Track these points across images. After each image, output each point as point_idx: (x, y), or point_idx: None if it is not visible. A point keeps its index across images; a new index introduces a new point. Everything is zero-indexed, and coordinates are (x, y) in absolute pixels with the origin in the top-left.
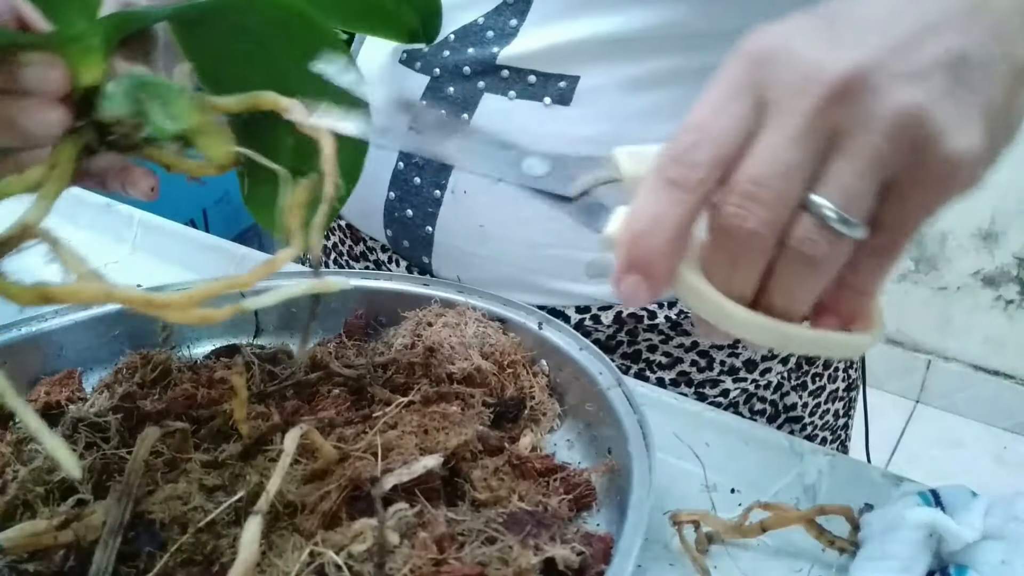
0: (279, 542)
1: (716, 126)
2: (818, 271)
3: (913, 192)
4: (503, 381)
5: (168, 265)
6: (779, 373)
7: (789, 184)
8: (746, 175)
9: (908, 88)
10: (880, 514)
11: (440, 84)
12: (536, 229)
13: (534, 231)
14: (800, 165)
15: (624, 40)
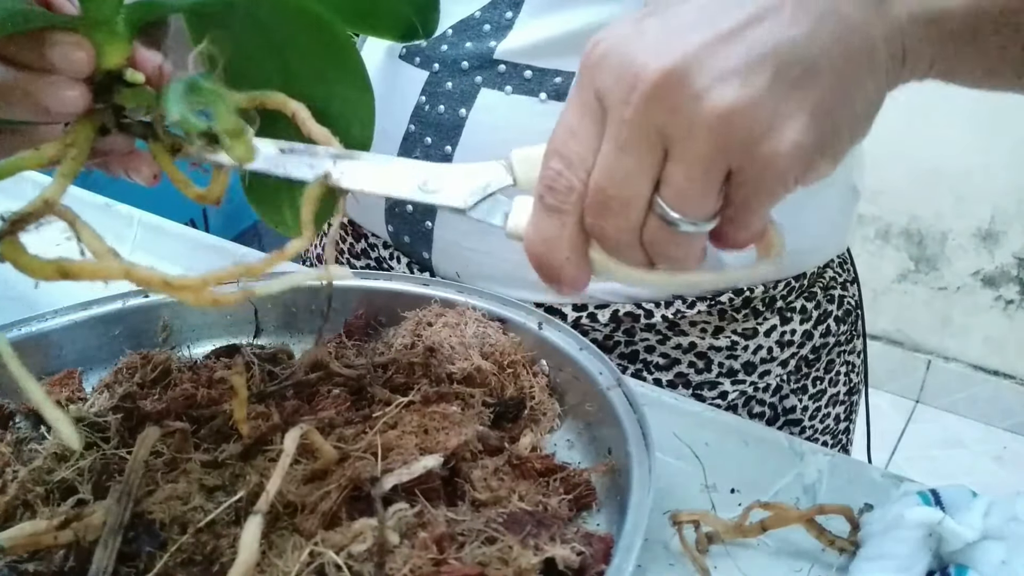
0: (279, 542)
1: (573, 150)
2: (683, 249)
3: (750, 184)
4: (503, 381)
5: (168, 265)
6: (778, 376)
7: (630, 190)
8: (593, 187)
9: (727, 88)
10: (880, 514)
11: (439, 79)
12: None
13: None
14: (636, 171)
15: None
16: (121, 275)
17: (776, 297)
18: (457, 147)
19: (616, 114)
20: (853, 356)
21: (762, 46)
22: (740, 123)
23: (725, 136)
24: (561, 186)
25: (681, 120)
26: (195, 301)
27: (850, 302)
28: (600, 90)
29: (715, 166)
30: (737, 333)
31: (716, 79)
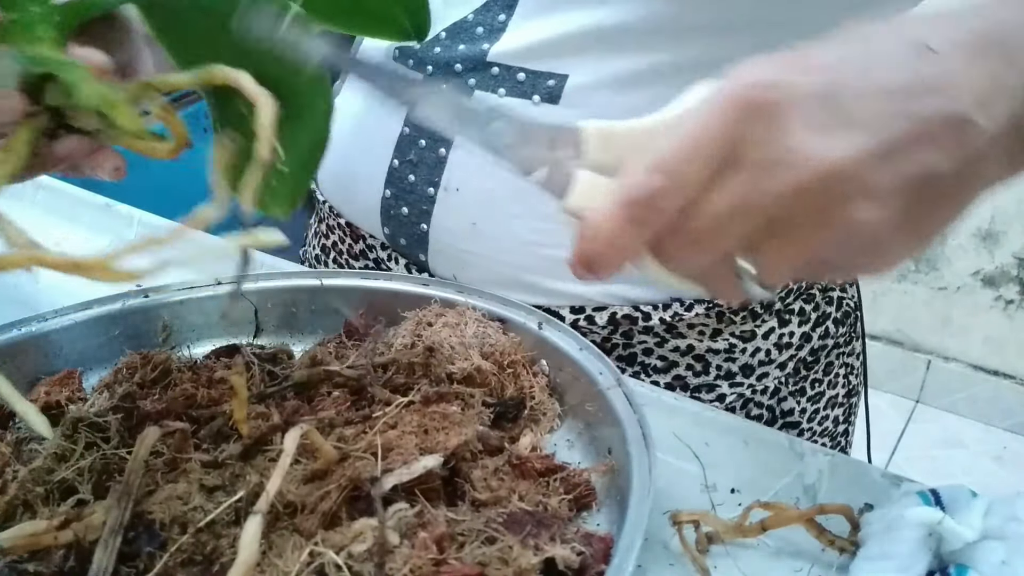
0: (279, 542)
1: (686, 176)
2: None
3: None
4: (503, 381)
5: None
6: (776, 378)
7: (728, 246)
8: (694, 227)
9: (871, 206)
10: (880, 514)
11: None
12: (528, 227)
13: (526, 230)
14: (743, 234)
15: (610, 34)
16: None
17: (775, 299)
18: (451, 150)
19: (759, 179)
20: (852, 358)
21: (912, 173)
22: (865, 238)
23: (847, 244)
24: (659, 205)
25: (819, 216)
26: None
27: (849, 304)
28: (746, 141)
29: (820, 259)
30: (735, 335)
31: (863, 194)
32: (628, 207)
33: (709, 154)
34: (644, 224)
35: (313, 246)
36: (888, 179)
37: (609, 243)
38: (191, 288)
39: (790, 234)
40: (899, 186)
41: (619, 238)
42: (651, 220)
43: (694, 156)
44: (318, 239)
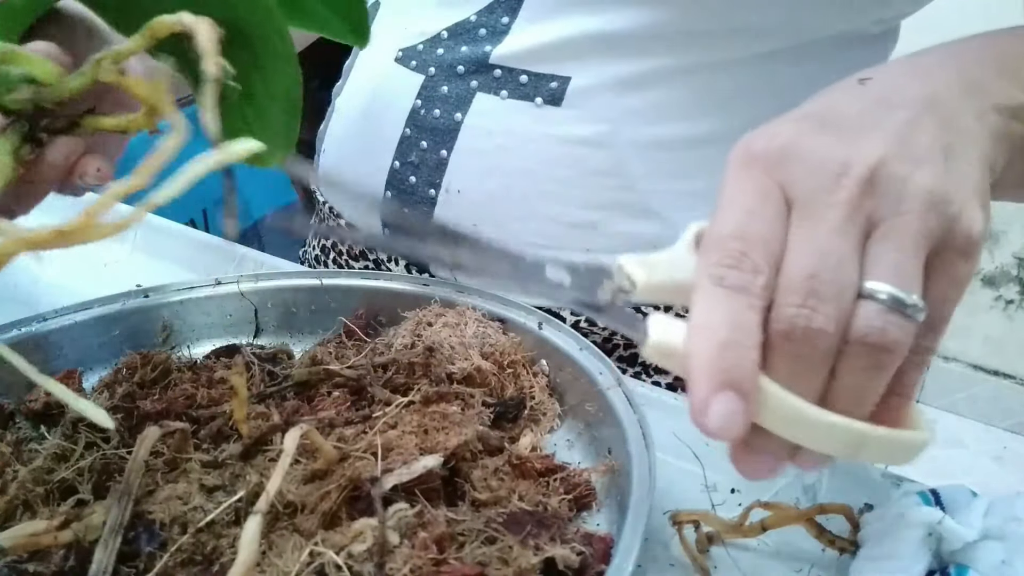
0: (279, 542)
1: (758, 229)
2: (884, 362)
3: (948, 269)
4: (503, 381)
5: (168, 265)
6: None
7: (845, 274)
8: (801, 273)
9: (925, 172)
10: (880, 514)
11: (434, 83)
12: (529, 229)
13: (527, 231)
14: (850, 255)
15: (613, 39)
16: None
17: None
18: (452, 151)
19: (823, 200)
20: None
21: (933, 140)
22: (943, 200)
23: (931, 210)
24: (749, 264)
25: (892, 200)
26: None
27: None
28: (789, 181)
29: (925, 243)
30: None
31: (914, 164)
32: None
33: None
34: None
35: (313, 246)
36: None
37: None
38: (191, 288)
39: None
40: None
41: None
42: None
43: (753, 212)
44: (318, 239)
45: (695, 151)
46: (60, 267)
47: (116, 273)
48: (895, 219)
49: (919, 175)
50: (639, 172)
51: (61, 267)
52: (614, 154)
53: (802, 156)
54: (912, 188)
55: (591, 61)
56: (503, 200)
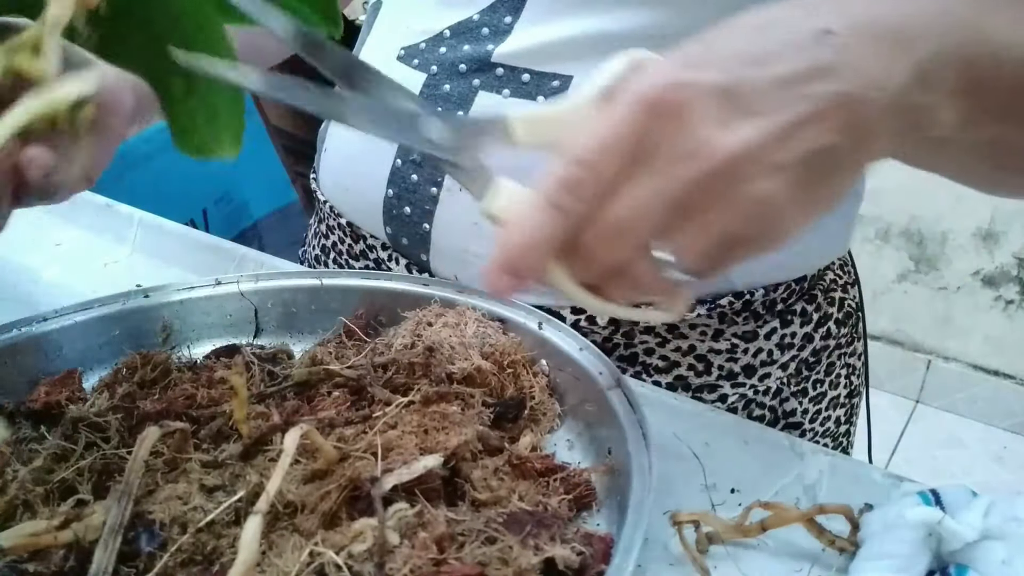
0: (279, 542)
1: (603, 165)
2: (647, 293)
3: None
4: (503, 381)
5: (168, 265)
6: (778, 379)
7: (647, 234)
8: (613, 216)
9: (772, 181)
10: (880, 514)
11: (436, 81)
12: None
13: None
14: (662, 223)
15: (615, 39)
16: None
17: (776, 300)
18: None
19: (670, 169)
20: (854, 359)
21: (806, 149)
22: (771, 210)
23: (755, 219)
24: (578, 195)
25: (727, 197)
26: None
27: (851, 304)
28: (655, 136)
29: (735, 238)
30: (737, 336)
31: (765, 171)
32: (551, 195)
33: (621, 149)
34: (568, 212)
35: (313, 246)
36: (785, 157)
37: (533, 231)
38: (191, 288)
39: (701, 217)
40: (795, 162)
41: (544, 225)
42: (572, 210)
43: (607, 150)
44: (318, 239)
45: None
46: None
47: (116, 273)
48: (719, 213)
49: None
50: None
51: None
52: None
53: (678, 122)
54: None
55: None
56: None
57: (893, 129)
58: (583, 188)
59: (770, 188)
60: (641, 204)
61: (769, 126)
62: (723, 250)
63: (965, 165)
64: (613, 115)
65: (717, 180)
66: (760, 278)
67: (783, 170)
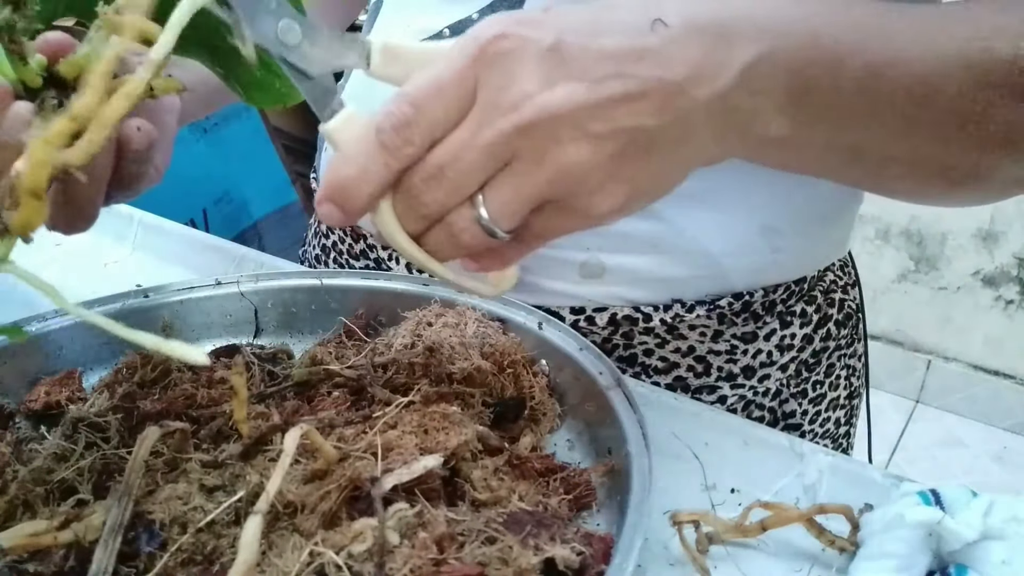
0: (279, 542)
1: (433, 109)
2: (464, 247)
3: (557, 219)
4: (503, 381)
5: (168, 265)
6: (778, 380)
7: (465, 180)
8: (435, 159)
9: (582, 148)
10: (880, 514)
11: None
12: None
13: None
14: (479, 169)
15: None
16: None
17: (776, 301)
18: None
19: (489, 117)
20: (854, 360)
21: (621, 125)
22: (578, 176)
23: (561, 181)
24: (406, 135)
25: (536, 154)
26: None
27: (851, 305)
28: (482, 83)
29: (541, 196)
30: (736, 337)
31: (578, 136)
32: (380, 132)
33: (451, 93)
34: (394, 153)
35: (313, 246)
36: (597, 127)
37: (359, 168)
38: (191, 288)
39: (512, 170)
40: (607, 134)
41: (369, 162)
42: (399, 149)
43: (438, 93)
44: (318, 239)
45: None
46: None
47: (116, 273)
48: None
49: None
50: None
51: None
52: None
53: (505, 72)
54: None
55: None
56: None
57: (716, 126)
58: (410, 129)
59: (578, 154)
60: (458, 149)
61: (588, 93)
62: (529, 208)
63: (833, 170)
64: (448, 59)
65: (530, 135)
66: (759, 279)
67: (594, 140)
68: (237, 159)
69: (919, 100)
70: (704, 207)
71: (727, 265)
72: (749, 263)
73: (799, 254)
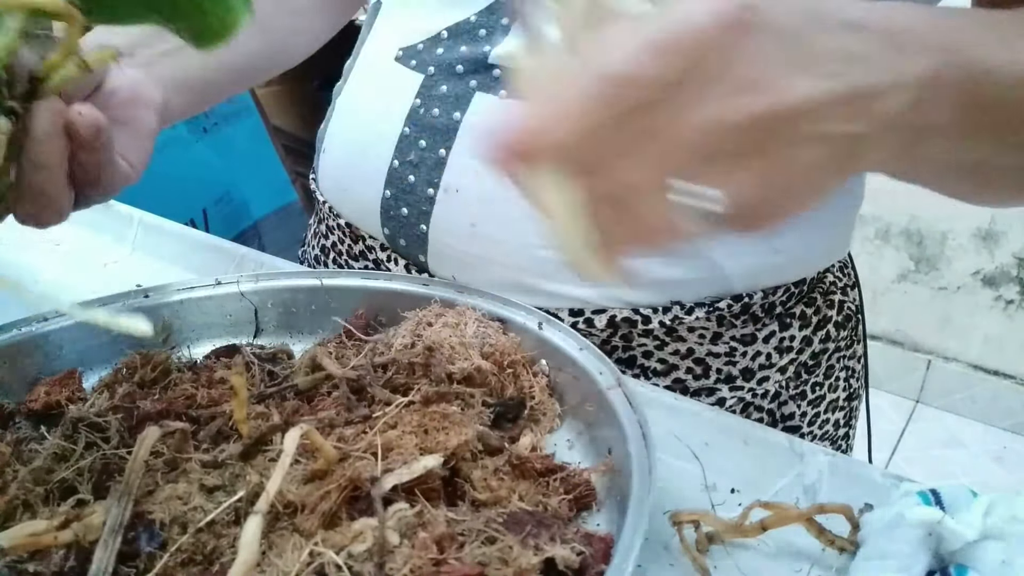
0: (279, 542)
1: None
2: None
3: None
4: (503, 381)
5: (168, 265)
6: (777, 382)
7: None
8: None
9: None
10: (880, 514)
11: (433, 82)
12: (527, 229)
13: (525, 231)
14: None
15: None
16: None
17: (775, 303)
18: (451, 151)
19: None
20: (853, 361)
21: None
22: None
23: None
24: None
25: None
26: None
27: (850, 307)
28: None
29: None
30: (735, 339)
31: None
32: (601, 80)
33: (684, 55)
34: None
35: (313, 246)
36: (828, 127)
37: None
38: (191, 288)
39: (734, 161)
40: (833, 136)
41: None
42: (616, 102)
43: (671, 52)
44: (318, 239)
45: None
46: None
47: (116, 273)
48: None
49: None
50: None
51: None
52: None
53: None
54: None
55: None
56: (502, 199)
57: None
58: (634, 85)
59: (810, 156)
60: (680, 123)
61: (829, 93)
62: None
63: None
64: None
65: (762, 127)
66: (759, 281)
67: (825, 142)
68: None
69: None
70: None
71: (726, 267)
72: (748, 265)
73: (798, 256)
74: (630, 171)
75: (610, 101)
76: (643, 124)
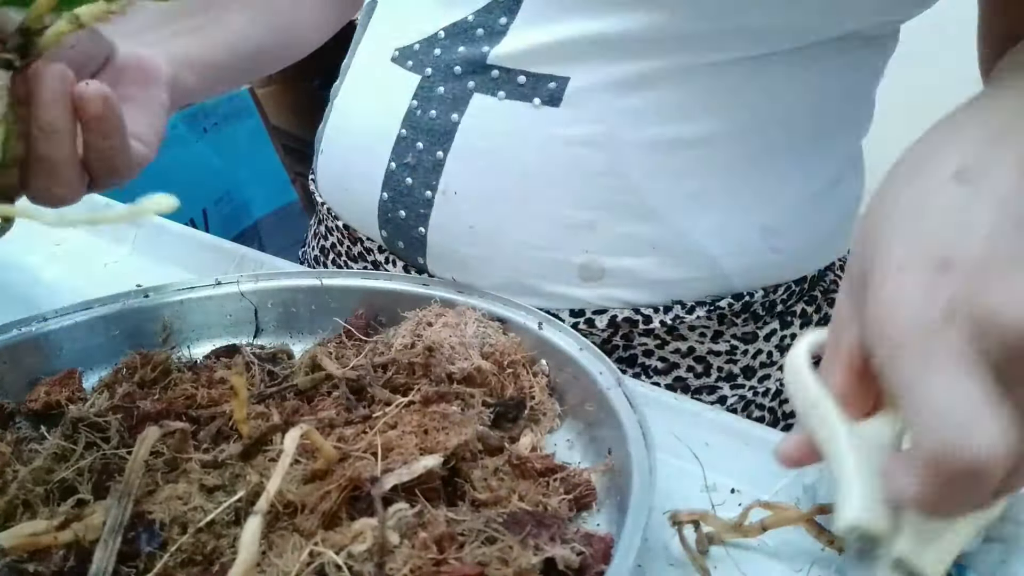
0: (279, 542)
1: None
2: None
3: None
4: (503, 381)
5: (168, 265)
6: (778, 380)
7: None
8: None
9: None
10: None
11: (431, 83)
12: (526, 231)
13: (524, 233)
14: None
15: (613, 41)
16: None
17: (776, 301)
18: (449, 153)
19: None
20: None
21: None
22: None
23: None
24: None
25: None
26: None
27: None
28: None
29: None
30: (737, 337)
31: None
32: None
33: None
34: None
35: (312, 247)
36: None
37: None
38: (191, 288)
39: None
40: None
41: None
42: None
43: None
44: (317, 240)
45: (694, 151)
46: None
47: (116, 273)
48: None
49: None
50: (638, 173)
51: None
52: (613, 155)
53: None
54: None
55: (590, 62)
56: (501, 202)
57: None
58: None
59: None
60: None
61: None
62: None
63: None
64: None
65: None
66: (759, 279)
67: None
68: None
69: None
70: (703, 208)
71: (727, 266)
72: (749, 264)
73: (799, 254)
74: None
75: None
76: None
